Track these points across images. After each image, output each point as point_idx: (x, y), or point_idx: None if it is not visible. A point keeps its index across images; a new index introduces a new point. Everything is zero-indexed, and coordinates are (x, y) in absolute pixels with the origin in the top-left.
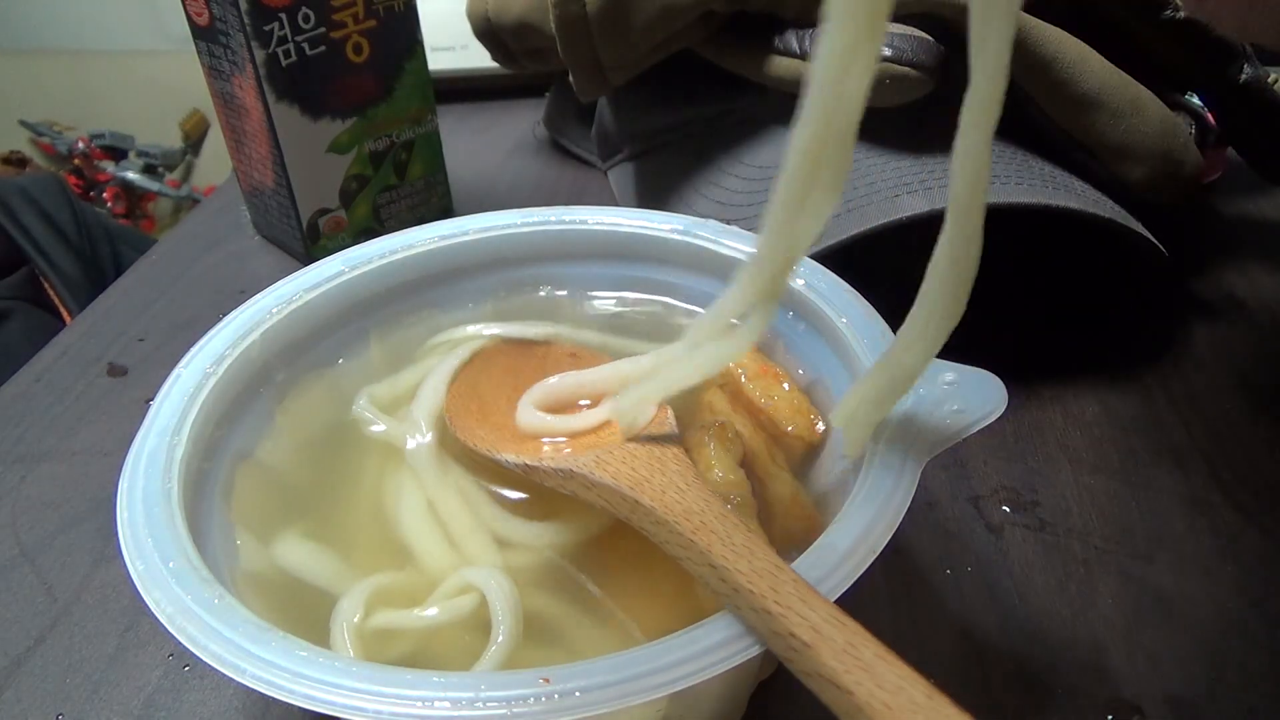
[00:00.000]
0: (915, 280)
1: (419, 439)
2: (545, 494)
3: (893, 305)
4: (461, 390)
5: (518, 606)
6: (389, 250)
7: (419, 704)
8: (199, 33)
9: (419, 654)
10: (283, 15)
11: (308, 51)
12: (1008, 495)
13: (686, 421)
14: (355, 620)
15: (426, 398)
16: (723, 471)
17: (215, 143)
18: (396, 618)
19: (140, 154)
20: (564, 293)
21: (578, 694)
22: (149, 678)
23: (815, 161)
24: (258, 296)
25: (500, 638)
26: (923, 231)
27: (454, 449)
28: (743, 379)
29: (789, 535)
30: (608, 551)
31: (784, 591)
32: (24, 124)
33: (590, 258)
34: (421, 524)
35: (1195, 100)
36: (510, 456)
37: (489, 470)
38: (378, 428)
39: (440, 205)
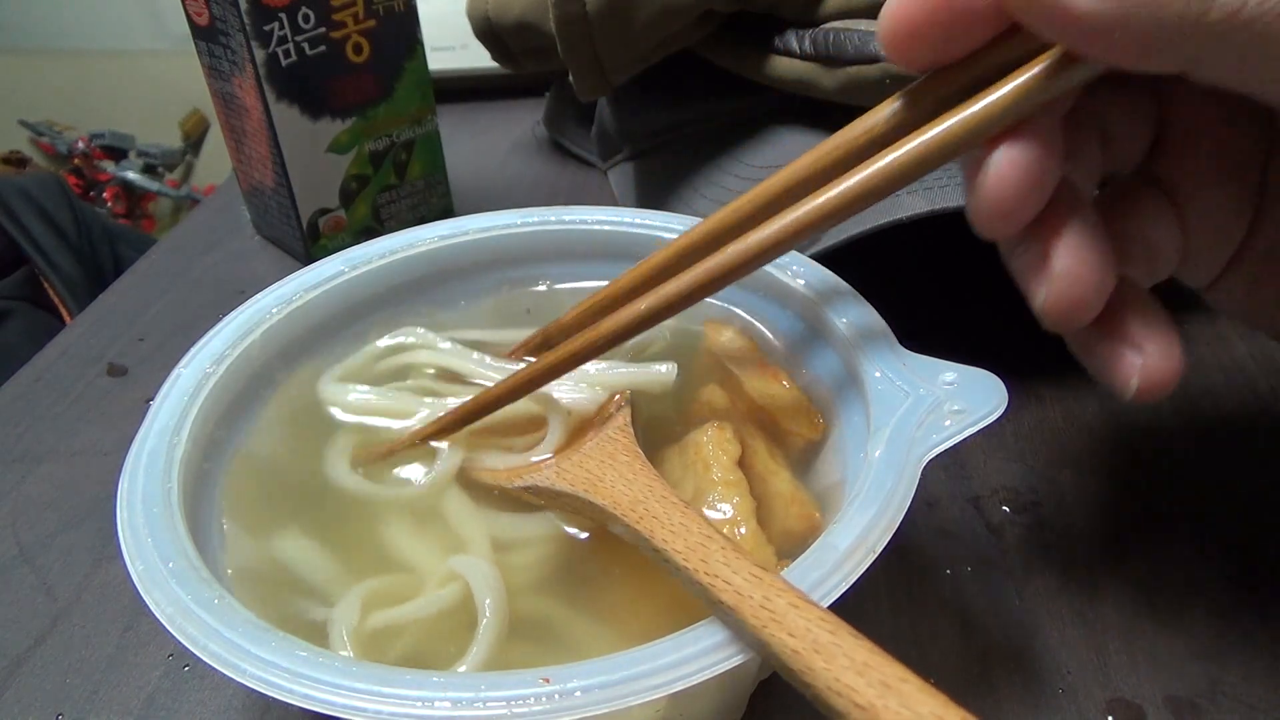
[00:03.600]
0: (915, 280)
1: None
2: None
3: (893, 305)
4: None
5: (501, 589)
6: (389, 250)
7: (419, 704)
8: (199, 33)
9: (418, 653)
10: (283, 15)
11: (308, 51)
12: (1008, 495)
13: (685, 421)
14: (354, 623)
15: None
16: (721, 472)
17: (215, 143)
18: (390, 615)
19: (140, 154)
20: (565, 287)
21: (578, 694)
22: (149, 678)
23: None
24: (258, 296)
25: (487, 614)
26: (923, 231)
27: None
28: (742, 378)
29: (789, 534)
30: (605, 552)
31: (713, 561)
32: (24, 124)
33: (590, 258)
34: (412, 524)
35: None
36: (486, 478)
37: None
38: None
39: (440, 205)
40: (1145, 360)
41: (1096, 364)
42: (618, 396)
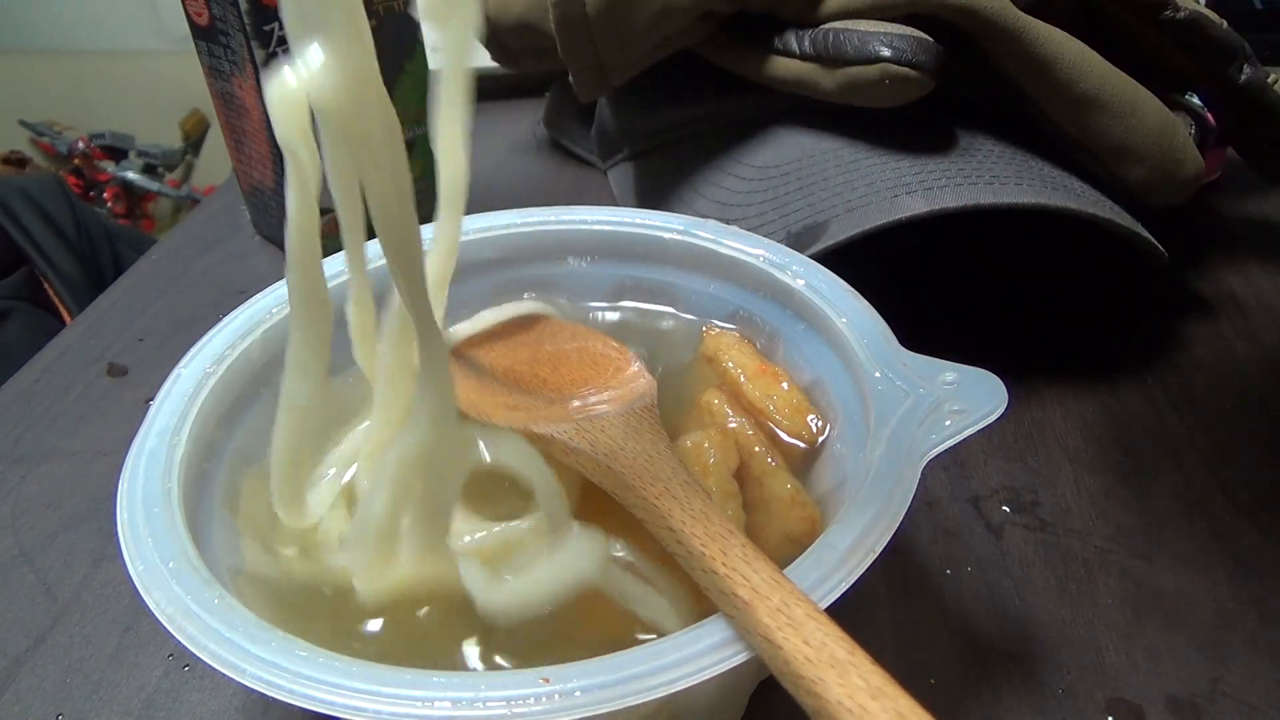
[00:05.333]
0: (915, 280)
1: None
2: None
3: (893, 305)
4: (456, 364)
5: None
6: None
7: (419, 704)
8: (199, 33)
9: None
10: None
11: None
12: (1008, 495)
13: (685, 424)
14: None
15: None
16: (718, 481)
17: (215, 143)
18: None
19: (140, 154)
20: (562, 297)
21: (578, 694)
22: (149, 678)
23: None
24: (258, 296)
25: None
26: (923, 232)
27: None
28: (742, 379)
29: (789, 535)
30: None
31: (732, 555)
32: (24, 124)
33: (590, 258)
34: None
35: (1195, 100)
36: (499, 422)
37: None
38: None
39: None
40: None
41: None
42: (639, 362)
